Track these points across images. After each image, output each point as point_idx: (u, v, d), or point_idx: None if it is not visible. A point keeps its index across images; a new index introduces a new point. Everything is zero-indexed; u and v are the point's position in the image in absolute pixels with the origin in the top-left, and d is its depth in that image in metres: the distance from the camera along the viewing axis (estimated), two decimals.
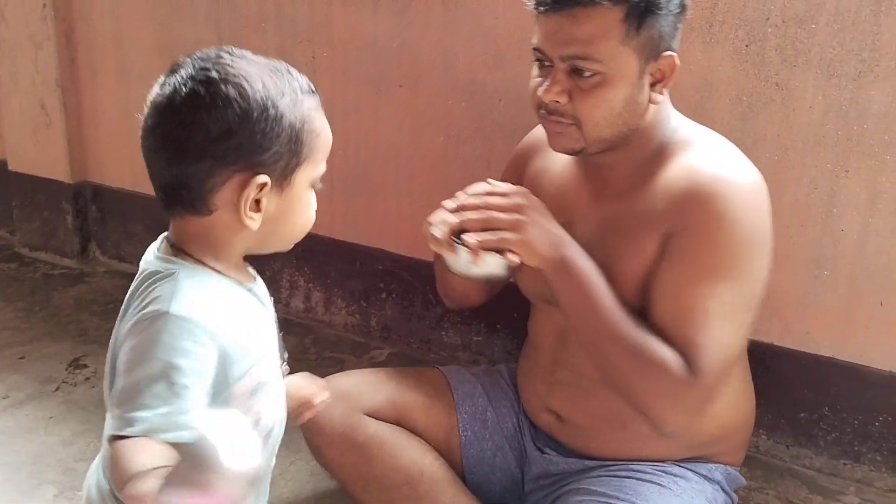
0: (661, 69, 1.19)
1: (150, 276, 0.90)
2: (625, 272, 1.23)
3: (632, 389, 1.20)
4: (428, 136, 1.98)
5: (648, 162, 1.25)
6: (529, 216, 1.20)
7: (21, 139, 2.60)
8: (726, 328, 1.17)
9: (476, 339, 2.07)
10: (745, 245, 1.17)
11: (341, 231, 2.18)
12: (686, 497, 1.30)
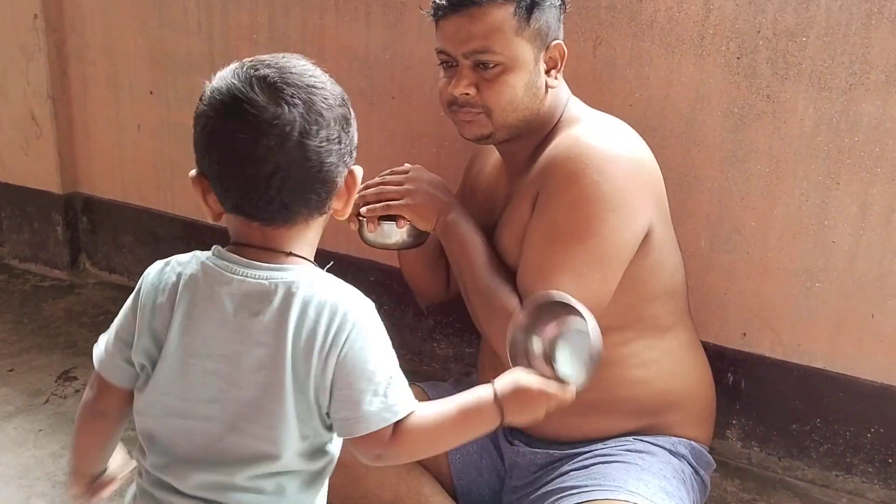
0: (552, 56, 1.33)
1: (285, 287, 0.88)
2: (511, 236, 1.35)
3: (487, 334, 1.33)
4: (420, 148, 1.98)
5: (543, 142, 1.36)
6: (417, 185, 1.36)
7: (11, 150, 2.59)
8: (569, 281, 1.22)
9: (468, 351, 2.07)
10: (592, 205, 1.24)
11: (333, 243, 2.17)
12: (653, 470, 1.31)
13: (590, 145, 1.27)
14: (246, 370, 0.87)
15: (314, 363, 0.86)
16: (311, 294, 0.88)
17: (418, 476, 1.40)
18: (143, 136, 2.38)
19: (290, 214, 0.89)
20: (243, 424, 0.88)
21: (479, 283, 1.32)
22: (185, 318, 0.89)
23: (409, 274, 1.60)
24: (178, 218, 2.39)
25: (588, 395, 1.34)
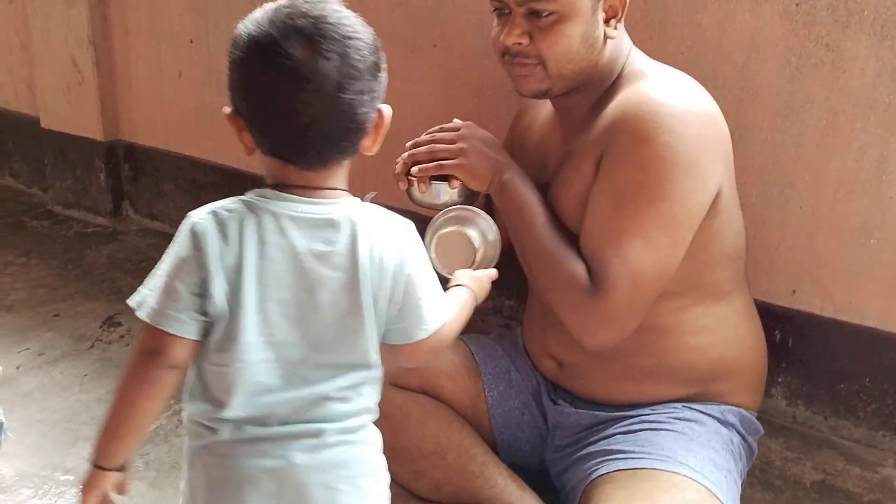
0: (613, 5, 1.26)
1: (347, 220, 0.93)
2: (571, 197, 1.29)
3: (551, 300, 1.28)
4: (462, 98, 1.94)
5: (604, 97, 1.30)
6: (470, 144, 1.31)
7: (54, 96, 2.60)
8: (639, 246, 1.19)
9: (508, 304, 2.06)
10: (664, 166, 1.18)
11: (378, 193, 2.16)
12: (702, 440, 1.29)
13: (660, 102, 1.20)
14: (324, 297, 0.92)
15: (388, 286, 0.95)
16: (371, 224, 0.95)
17: (459, 428, 1.40)
18: (184, 84, 2.37)
19: (325, 159, 0.94)
20: (327, 345, 0.94)
21: (540, 248, 1.28)
22: (257, 258, 0.91)
23: None
24: (219, 166, 2.39)
25: (642, 361, 1.34)
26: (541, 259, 1.28)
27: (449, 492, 1.37)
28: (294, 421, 0.93)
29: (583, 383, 1.41)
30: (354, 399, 0.97)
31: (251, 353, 0.92)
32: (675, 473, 1.22)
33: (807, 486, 1.59)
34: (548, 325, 1.42)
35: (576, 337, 1.26)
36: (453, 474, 1.36)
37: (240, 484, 0.92)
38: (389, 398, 1.38)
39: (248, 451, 0.92)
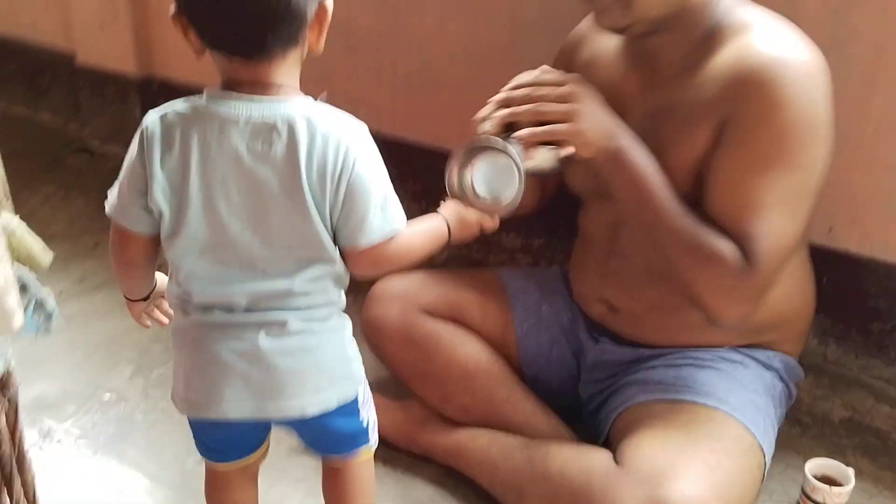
0: None
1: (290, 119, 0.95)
2: (677, 161, 1.21)
3: (688, 281, 1.20)
4: (496, 32, 1.92)
5: (700, 45, 1.21)
6: (583, 104, 1.16)
7: (89, 32, 2.62)
8: (782, 218, 1.16)
9: (538, 242, 2.06)
10: (802, 132, 1.13)
11: (403, 129, 2.16)
12: (746, 381, 1.30)
13: (785, 63, 1.13)
14: (268, 197, 0.96)
15: (328, 186, 0.96)
16: (314, 123, 0.96)
17: (488, 355, 1.43)
18: None
19: (266, 48, 0.94)
20: (280, 241, 0.98)
21: (673, 225, 1.18)
22: (201, 159, 0.95)
23: None
24: None
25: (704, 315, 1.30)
26: (674, 236, 1.18)
27: (477, 415, 1.40)
28: (259, 310, 1.00)
29: (635, 330, 1.40)
30: (317, 293, 1.02)
31: (198, 250, 0.98)
32: (714, 409, 1.24)
33: (835, 423, 1.60)
34: (607, 272, 1.38)
35: (713, 314, 1.21)
36: (481, 398, 1.40)
37: (213, 365, 1.01)
38: (419, 325, 1.42)
39: (219, 336, 1.01)
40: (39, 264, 0.58)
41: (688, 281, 1.20)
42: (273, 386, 1.01)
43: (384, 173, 1.01)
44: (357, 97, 2.18)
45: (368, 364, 1.67)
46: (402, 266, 1.07)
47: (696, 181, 1.21)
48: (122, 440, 1.51)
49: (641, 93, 1.29)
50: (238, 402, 1.01)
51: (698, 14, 1.20)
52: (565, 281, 1.54)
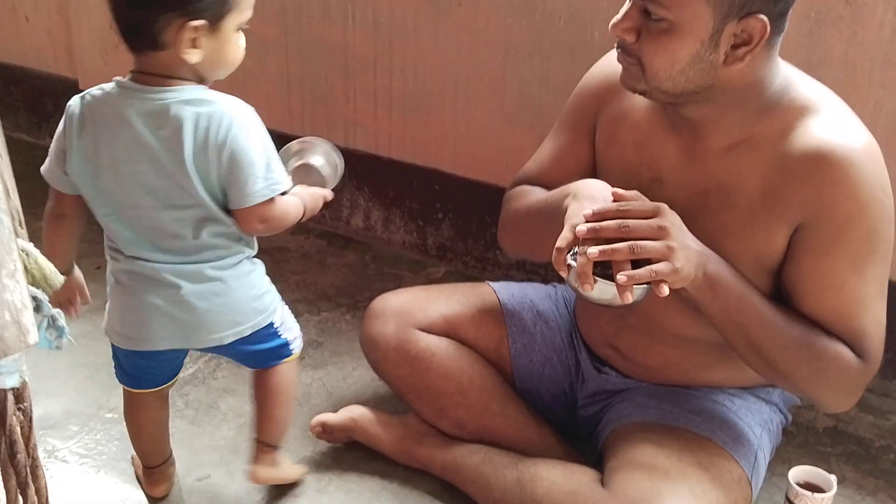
0: (748, 31, 1.07)
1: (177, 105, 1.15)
2: (739, 251, 1.18)
3: (808, 387, 1.21)
4: (486, 56, 1.98)
5: (754, 123, 1.16)
6: (676, 239, 1.08)
7: (92, 59, 2.68)
8: (881, 304, 1.19)
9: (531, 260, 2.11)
10: (884, 222, 1.15)
11: (399, 151, 2.22)
12: (741, 414, 1.33)
13: (865, 158, 1.12)
14: (160, 171, 1.17)
15: (211, 158, 1.16)
16: (199, 105, 1.15)
17: (481, 369, 1.47)
18: None
19: (138, 46, 1.15)
20: (177, 205, 1.19)
21: (786, 340, 1.16)
22: (107, 135, 1.18)
23: (525, 248, 1.43)
24: None
25: (717, 374, 1.35)
26: (792, 352, 1.16)
27: (472, 429, 1.44)
28: (178, 262, 1.23)
29: (644, 376, 1.41)
30: (222, 247, 1.25)
31: (116, 213, 1.21)
32: (707, 439, 1.28)
33: (819, 432, 1.64)
34: (624, 326, 1.38)
35: (832, 408, 1.28)
36: (475, 413, 1.43)
37: (144, 307, 1.25)
38: (414, 341, 1.46)
39: (147, 284, 1.24)
40: (52, 285, 0.63)
41: (807, 388, 1.21)
42: (195, 324, 1.26)
43: (263, 143, 1.19)
44: (354, 121, 2.24)
45: (367, 380, 1.74)
46: (285, 226, 1.27)
47: (759, 271, 1.19)
48: (124, 458, 1.55)
49: (683, 162, 1.23)
50: (165, 339, 1.27)
51: (741, 91, 1.14)
52: (563, 301, 1.57)
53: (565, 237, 1.12)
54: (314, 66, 2.24)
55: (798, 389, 1.24)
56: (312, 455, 1.57)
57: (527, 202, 1.37)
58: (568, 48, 1.84)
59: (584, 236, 1.08)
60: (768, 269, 1.20)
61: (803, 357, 1.17)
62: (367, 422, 1.54)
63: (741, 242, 1.18)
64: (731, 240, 1.18)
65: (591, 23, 1.79)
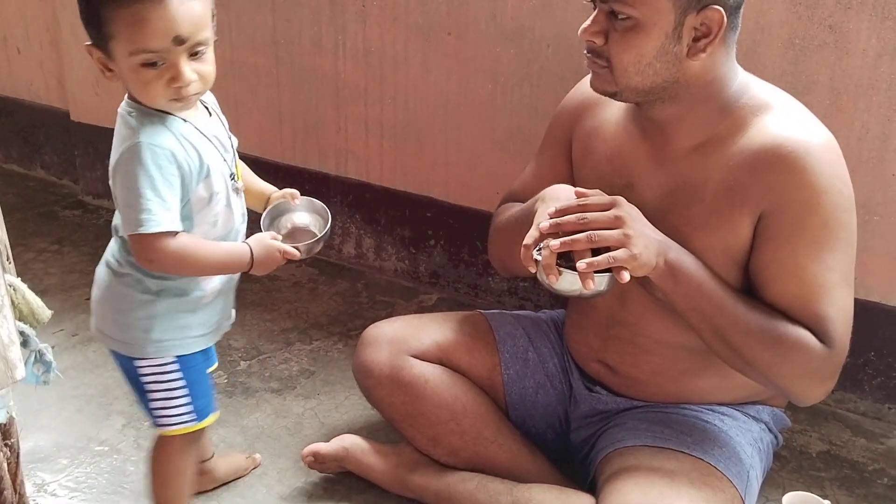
0: (706, 23, 1.15)
1: (119, 122, 1.17)
2: (706, 243, 1.22)
3: (771, 374, 1.22)
4: (476, 84, 2.00)
5: (716, 122, 1.23)
6: (633, 228, 1.14)
7: (83, 90, 2.69)
8: (845, 292, 1.20)
9: (522, 285, 2.11)
10: (843, 210, 1.18)
11: (390, 179, 2.23)
12: (732, 434, 1.33)
13: (820, 147, 1.17)
14: None
15: (111, 186, 1.17)
16: (123, 129, 1.15)
17: (475, 396, 1.46)
18: None
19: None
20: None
21: (748, 325, 1.19)
22: None
23: (510, 262, 1.41)
24: (242, 155, 2.45)
25: (704, 381, 1.36)
26: (753, 336, 1.19)
27: (465, 457, 1.43)
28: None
29: (634, 391, 1.42)
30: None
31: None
32: (699, 459, 1.28)
33: (812, 456, 1.64)
34: (609, 337, 1.40)
35: (800, 398, 1.26)
36: (469, 440, 1.43)
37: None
38: (407, 369, 1.45)
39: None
40: (39, 320, 0.63)
41: (771, 374, 1.22)
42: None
43: (148, 179, 1.13)
44: (346, 149, 2.25)
45: (359, 409, 1.73)
46: (191, 271, 1.21)
47: (728, 263, 1.22)
48: (115, 492, 1.53)
49: (652, 165, 1.29)
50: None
51: (704, 88, 1.21)
52: (554, 327, 1.57)
53: (531, 235, 1.19)
54: (305, 95, 2.25)
55: (765, 377, 1.23)
56: (304, 486, 1.55)
57: (506, 215, 1.45)
58: (556, 75, 1.86)
59: (546, 231, 1.16)
60: (737, 261, 1.23)
61: (766, 341, 1.18)
62: (359, 451, 1.53)
63: (709, 235, 1.22)
64: (698, 233, 1.22)
65: (578, 50, 1.79)
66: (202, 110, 1.25)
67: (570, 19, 1.81)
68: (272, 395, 1.81)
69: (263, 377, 1.87)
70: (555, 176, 1.42)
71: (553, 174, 1.44)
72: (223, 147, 1.25)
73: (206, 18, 1.14)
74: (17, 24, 2.81)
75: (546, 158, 1.49)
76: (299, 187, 2.46)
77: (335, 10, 2.11)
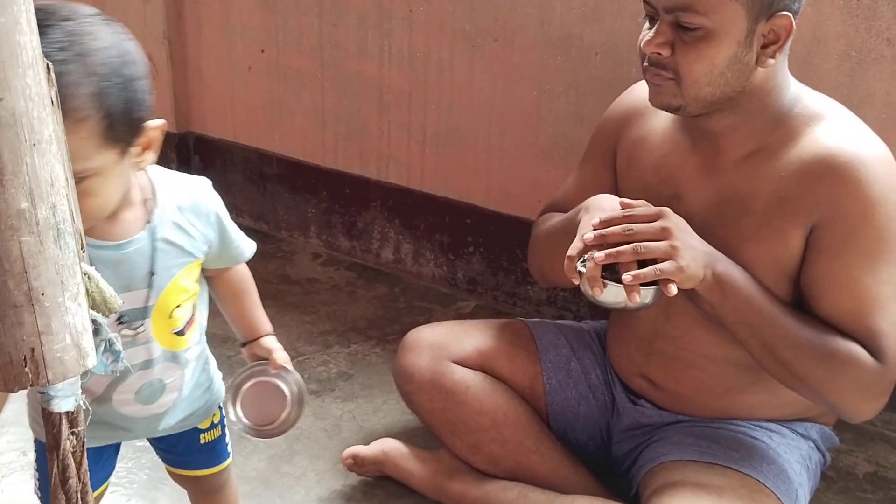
0: (775, 30, 1.13)
1: None
2: (758, 257, 1.20)
3: (822, 390, 1.19)
4: (521, 91, 1.99)
5: (767, 132, 1.21)
6: (680, 239, 1.12)
7: None
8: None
9: (562, 295, 2.10)
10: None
11: (431, 185, 2.23)
12: (780, 451, 1.31)
13: (874, 158, 1.15)
14: None
15: None
16: None
17: (517, 405, 1.45)
18: (253, 77, 2.46)
19: None
20: None
21: (798, 340, 1.16)
22: None
23: (552, 273, 1.40)
24: (284, 158, 2.48)
25: (751, 397, 1.34)
26: (804, 351, 1.16)
27: (506, 466, 1.42)
28: None
29: (679, 407, 1.40)
30: None
31: None
32: (747, 476, 1.25)
33: (859, 478, 1.61)
34: (652, 352, 1.38)
35: (851, 415, 1.23)
36: (510, 448, 1.42)
37: None
38: (448, 374, 1.45)
39: None
40: (111, 309, 0.64)
41: (822, 390, 1.19)
42: None
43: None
44: (388, 154, 2.26)
45: (398, 414, 1.72)
46: None
47: (778, 276, 1.20)
48: (154, 488, 1.54)
49: (700, 176, 1.26)
50: None
51: (761, 100, 1.19)
52: (597, 338, 1.55)
53: (575, 246, 1.17)
54: (349, 100, 2.26)
55: (816, 393, 1.21)
56: (343, 488, 1.55)
57: (548, 225, 1.43)
58: (604, 83, 1.85)
59: (591, 243, 1.14)
60: (788, 273, 1.21)
61: (818, 356, 1.16)
62: (398, 456, 1.53)
63: (759, 247, 1.20)
64: (748, 245, 1.20)
65: (627, 58, 1.80)
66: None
67: (621, 27, 1.80)
68: (311, 396, 1.81)
69: (302, 379, 1.87)
70: (598, 186, 1.40)
71: (596, 184, 1.41)
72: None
73: (87, 149, 0.86)
74: None
75: (589, 168, 1.47)
76: (340, 191, 2.48)
77: (382, 16, 2.12)
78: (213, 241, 1.07)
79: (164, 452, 1.24)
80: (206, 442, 1.21)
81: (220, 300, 1.18)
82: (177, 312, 1.04)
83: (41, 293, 0.57)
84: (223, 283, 1.16)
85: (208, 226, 1.06)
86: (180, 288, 1.04)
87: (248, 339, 1.17)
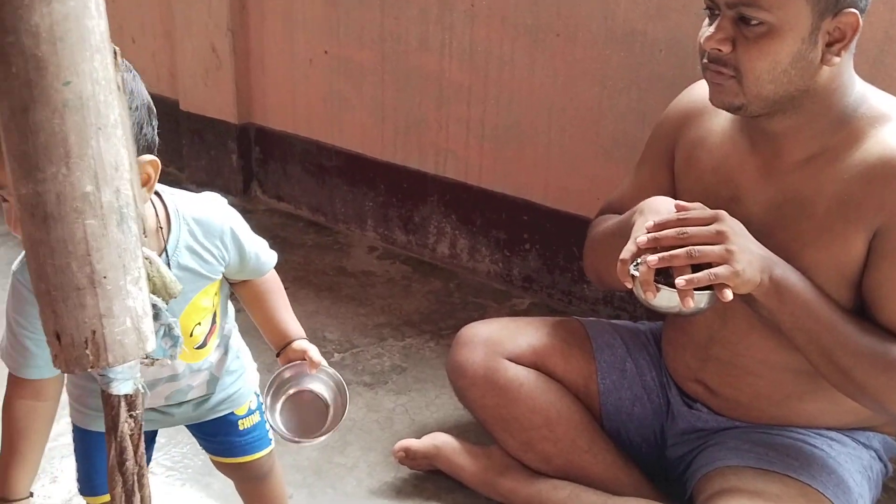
0: (841, 27, 1.09)
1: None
2: (818, 262, 1.16)
3: (884, 399, 1.16)
4: (582, 87, 1.96)
5: (831, 133, 1.17)
6: (736, 243, 1.09)
7: (193, 80, 2.77)
8: None
9: (618, 295, 2.07)
10: None
11: (489, 180, 2.21)
12: (840, 460, 1.27)
13: None
14: None
15: None
16: None
17: (570, 404, 1.44)
18: (314, 70, 2.48)
19: None
20: None
21: (857, 347, 1.13)
22: None
23: (607, 275, 1.36)
24: (344, 151, 2.49)
25: (810, 405, 1.31)
26: (865, 359, 1.13)
27: (558, 465, 1.41)
28: None
29: (735, 413, 1.37)
30: None
31: None
32: (806, 485, 1.22)
33: None
34: (708, 358, 1.36)
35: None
36: (562, 447, 1.40)
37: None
38: (502, 371, 1.44)
39: None
40: (171, 294, 0.64)
41: (883, 399, 1.16)
42: None
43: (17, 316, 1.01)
44: (446, 148, 2.25)
45: (450, 408, 1.72)
46: None
47: (839, 282, 1.17)
48: (209, 473, 1.56)
49: (760, 178, 1.23)
50: None
51: (824, 100, 1.15)
52: (653, 339, 1.53)
53: (629, 249, 1.15)
54: (409, 93, 2.26)
55: (876, 402, 1.17)
56: (393, 481, 1.55)
57: (603, 227, 1.41)
58: (667, 81, 1.81)
59: (644, 246, 1.12)
60: (849, 279, 1.17)
61: (879, 364, 1.12)
62: (450, 450, 1.52)
63: (819, 252, 1.16)
64: (808, 250, 1.17)
65: (692, 56, 1.74)
66: None
67: (686, 23, 1.76)
68: (364, 388, 1.82)
69: (356, 370, 1.88)
70: (655, 187, 1.37)
71: (654, 185, 1.39)
72: None
73: None
74: (134, 15, 2.92)
75: (647, 169, 1.44)
76: (397, 185, 2.48)
77: (443, 10, 2.12)
78: (229, 259, 1.06)
79: (206, 441, 1.25)
80: (244, 428, 1.21)
81: (246, 306, 1.18)
82: (197, 329, 1.06)
83: (103, 276, 0.58)
84: (246, 289, 1.16)
85: (223, 245, 1.05)
86: (199, 308, 1.05)
87: (280, 347, 1.15)
